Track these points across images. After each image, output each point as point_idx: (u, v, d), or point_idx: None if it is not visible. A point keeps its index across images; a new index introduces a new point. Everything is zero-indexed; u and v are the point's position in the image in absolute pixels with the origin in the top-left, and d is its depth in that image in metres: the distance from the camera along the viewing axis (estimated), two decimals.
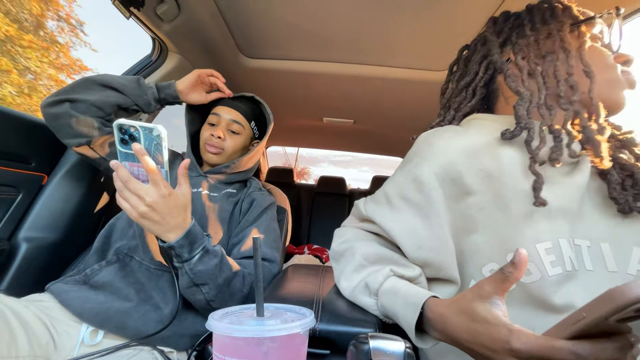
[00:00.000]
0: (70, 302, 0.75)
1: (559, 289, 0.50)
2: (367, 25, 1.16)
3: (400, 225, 0.60)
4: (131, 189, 0.62)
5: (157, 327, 0.74)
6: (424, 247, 0.58)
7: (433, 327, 0.48)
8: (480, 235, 0.56)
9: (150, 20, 1.06)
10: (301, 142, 2.93)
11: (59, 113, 0.85)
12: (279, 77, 1.59)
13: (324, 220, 2.77)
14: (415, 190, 0.59)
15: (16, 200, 0.95)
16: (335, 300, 0.63)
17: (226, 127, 1.04)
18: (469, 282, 0.57)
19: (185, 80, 1.00)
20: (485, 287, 0.41)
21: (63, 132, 0.87)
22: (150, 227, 0.65)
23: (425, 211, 0.58)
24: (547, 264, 0.50)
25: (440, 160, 0.58)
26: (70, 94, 0.86)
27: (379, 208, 0.65)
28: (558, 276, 0.50)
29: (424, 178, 0.58)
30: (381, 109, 1.86)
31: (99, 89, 0.89)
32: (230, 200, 1.00)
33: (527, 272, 0.51)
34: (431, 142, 0.61)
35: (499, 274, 0.39)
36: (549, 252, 0.51)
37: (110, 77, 0.92)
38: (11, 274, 0.91)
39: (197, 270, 0.69)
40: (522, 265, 0.38)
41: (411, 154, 0.65)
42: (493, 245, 0.55)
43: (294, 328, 0.36)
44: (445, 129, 0.63)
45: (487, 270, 0.55)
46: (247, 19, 1.19)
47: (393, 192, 0.63)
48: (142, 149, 0.61)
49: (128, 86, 0.92)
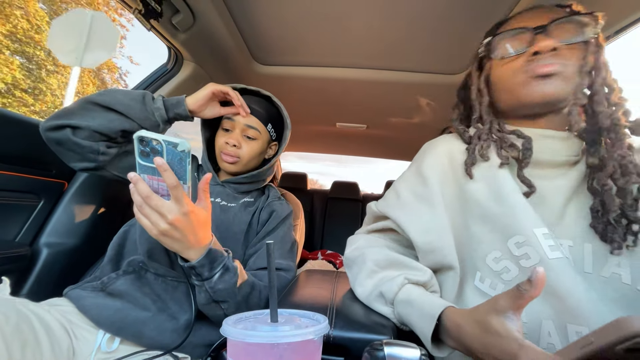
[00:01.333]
0: (88, 309, 0.75)
1: (559, 274, 0.50)
2: (380, 30, 1.16)
3: (408, 214, 0.67)
4: (152, 206, 0.60)
5: (173, 336, 0.74)
6: (430, 230, 0.63)
7: (449, 336, 0.49)
8: (481, 227, 0.60)
9: (166, 29, 1.09)
10: (314, 147, 2.93)
11: (60, 139, 0.78)
12: (293, 83, 1.60)
13: (338, 225, 2.76)
14: (420, 184, 0.68)
15: (37, 207, 0.98)
16: (350, 306, 0.63)
17: (241, 133, 0.98)
18: (475, 274, 0.59)
19: (198, 97, 0.90)
20: (501, 301, 0.42)
21: (67, 157, 0.82)
22: (170, 245, 0.64)
23: (430, 200, 0.65)
24: (546, 247, 0.52)
25: (442, 161, 0.68)
26: (71, 119, 0.77)
27: (389, 203, 0.72)
28: (558, 260, 0.51)
29: (428, 175, 0.67)
30: (394, 114, 1.86)
31: (100, 112, 0.80)
32: (249, 210, 0.97)
33: (525, 256, 0.53)
34: (435, 146, 0.73)
35: (515, 291, 0.40)
36: (547, 237, 0.53)
37: (112, 97, 0.81)
38: (32, 279, 0.93)
39: (217, 288, 0.69)
40: (538, 284, 0.38)
41: (418, 155, 0.75)
42: (494, 234, 0.58)
43: (308, 334, 0.36)
44: (445, 136, 0.74)
45: (491, 258, 0.57)
46: (260, 26, 1.21)
47: (401, 188, 0.72)
48: (165, 163, 0.57)
49: (133, 107, 0.82)
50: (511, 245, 0.55)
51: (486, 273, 0.57)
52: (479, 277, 0.58)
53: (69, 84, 2.83)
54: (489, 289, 0.56)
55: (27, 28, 8.73)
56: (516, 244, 0.54)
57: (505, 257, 0.55)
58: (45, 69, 9.43)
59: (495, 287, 0.56)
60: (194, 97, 0.90)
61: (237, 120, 0.98)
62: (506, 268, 0.55)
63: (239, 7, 1.10)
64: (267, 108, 1.03)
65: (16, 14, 8.43)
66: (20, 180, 0.92)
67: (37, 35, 8.91)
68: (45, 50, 9.14)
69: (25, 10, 8.57)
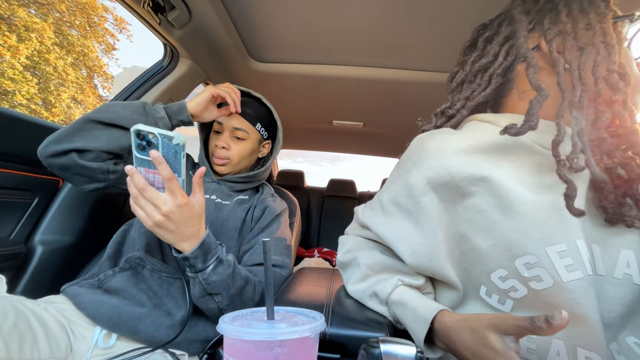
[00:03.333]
0: (85, 305, 0.76)
1: (577, 297, 0.45)
2: (378, 28, 1.16)
3: (393, 232, 0.60)
4: (147, 197, 0.61)
5: (169, 332, 0.75)
6: (418, 252, 0.57)
7: (438, 338, 0.50)
8: (484, 240, 0.52)
9: (162, 26, 1.08)
10: (310, 145, 2.93)
11: (66, 165, 0.76)
12: (289, 80, 1.60)
13: (334, 223, 2.76)
14: (407, 196, 0.58)
15: (32, 204, 0.98)
16: (346, 304, 0.63)
17: (230, 135, 1.00)
18: (479, 288, 0.55)
19: (199, 102, 0.90)
20: (508, 324, 0.40)
21: (74, 181, 0.81)
22: (164, 236, 0.65)
23: (417, 217, 0.57)
24: (562, 268, 0.46)
25: (432, 164, 0.56)
26: (75, 142, 0.75)
27: (374, 215, 0.66)
28: (576, 282, 0.45)
29: (415, 184, 0.57)
30: (392, 112, 1.85)
31: (104, 130, 0.78)
32: (243, 207, 0.99)
33: (537, 278, 0.48)
34: (423, 146, 0.60)
35: (528, 323, 0.38)
36: (563, 255, 0.46)
37: (114, 112, 0.79)
38: (27, 276, 0.93)
39: (210, 280, 0.70)
40: (558, 329, 0.35)
41: (404, 158, 0.64)
42: (500, 250, 0.51)
43: (304, 331, 0.36)
44: (439, 131, 0.62)
45: (496, 277, 0.52)
46: (257, 23, 1.20)
47: (386, 199, 0.63)
48: (160, 156, 0.59)
49: (137, 120, 0.79)
50: (520, 266, 0.49)
51: (492, 289, 0.53)
52: (485, 291, 0.54)
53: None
54: (498, 304, 0.53)
55: (43, 50, 9.91)
56: (526, 264, 0.48)
57: (513, 277, 0.50)
58: (52, 82, 10.38)
59: (504, 302, 0.52)
60: (195, 102, 0.90)
61: (225, 122, 1.00)
62: (514, 288, 0.50)
63: (235, 3, 1.10)
64: (256, 108, 1.05)
65: (32, 36, 9.56)
66: (14, 177, 0.92)
67: (47, 54, 9.97)
68: (54, 66, 10.24)
69: (41, 34, 9.72)
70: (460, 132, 0.60)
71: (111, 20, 11.74)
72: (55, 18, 10.20)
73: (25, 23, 9.21)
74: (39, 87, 9.82)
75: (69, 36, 10.59)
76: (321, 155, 3.24)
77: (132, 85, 1.21)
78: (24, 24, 9.19)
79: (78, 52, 10.93)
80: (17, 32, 9.08)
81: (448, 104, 0.67)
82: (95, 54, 11.63)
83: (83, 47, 11.10)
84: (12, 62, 8.93)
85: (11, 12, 8.86)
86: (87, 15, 11.03)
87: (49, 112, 10.23)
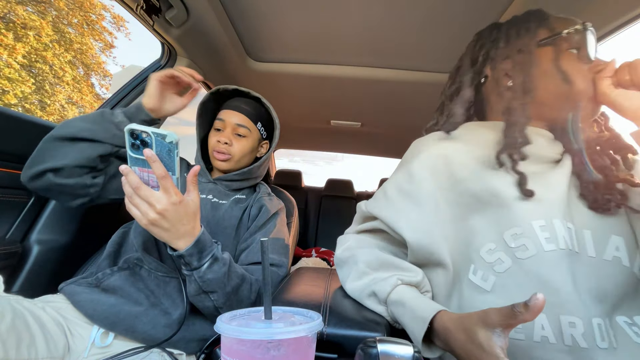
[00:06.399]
0: (82, 304, 0.75)
1: (555, 266, 0.52)
2: (376, 28, 1.16)
3: (394, 212, 0.66)
4: (142, 196, 0.62)
5: (166, 331, 0.75)
6: (418, 229, 0.62)
7: (438, 338, 0.51)
8: (478, 219, 0.60)
9: (160, 25, 1.08)
10: (308, 144, 2.93)
11: (45, 186, 0.76)
12: (287, 80, 1.60)
13: (332, 223, 2.76)
14: (408, 182, 0.66)
15: (28, 204, 0.97)
16: (343, 303, 0.63)
17: (232, 132, 1.02)
18: (469, 267, 0.59)
19: (149, 93, 0.84)
20: (492, 316, 0.42)
21: (61, 200, 0.82)
22: (159, 234, 0.65)
23: (417, 198, 0.64)
24: (542, 239, 0.53)
25: (427, 157, 0.66)
26: (46, 163, 0.75)
27: (376, 202, 0.71)
28: (553, 253, 0.52)
29: (415, 172, 0.66)
30: (390, 112, 1.86)
31: (69, 146, 0.76)
32: (239, 207, 0.99)
33: (523, 248, 0.54)
34: (418, 146, 0.71)
35: (509, 310, 0.40)
36: (544, 229, 0.54)
37: (72, 127, 0.77)
38: (24, 276, 0.92)
39: (206, 278, 0.70)
40: (535, 311, 0.38)
41: (405, 156, 0.74)
42: (490, 227, 0.58)
43: (302, 331, 0.36)
44: (432, 135, 0.72)
45: (485, 250, 0.57)
46: (255, 22, 1.20)
47: (389, 187, 0.70)
48: (154, 155, 0.60)
49: (97, 130, 0.78)
50: (507, 237, 0.55)
51: (479, 265, 0.57)
52: (473, 270, 0.58)
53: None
54: (481, 281, 0.57)
55: (40, 48, 9.68)
56: (513, 235, 0.55)
57: (500, 249, 0.56)
58: (48, 81, 10.24)
59: (486, 279, 0.56)
60: (146, 96, 0.85)
61: (227, 119, 1.02)
62: (499, 260, 0.55)
63: (233, 3, 1.09)
64: (256, 107, 1.07)
65: (29, 34, 9.34)
66: (10, 176, 0.91)
67: (45, 52, 9.85)
68: (49, 64, 10.10)
69: (39, 32, 9.51)
70: (451, 136, 0.70)
71: (109, 18, 11.64)
72: (52, 16, 10.10)
73: (23, 21, 9.12)
74: (35, 87, 9.74)
75: (67, 34, 10.51)
76: (318, 154, 3.24)
77: (129, 85, 1.21)
78: (22, 21, 9.10)
79: (76, 49, 10.85)
80: (14, 30, 9.01)
81: (434, 122, 0.78)
82: (93, 51, 11.56)
83: (81, 44, 11.03)
84: (8, 61, 8.83)
85: (8, 9, 8.78)
86: (84, 14, 10.95)
87: (43, 111, 10.16)
